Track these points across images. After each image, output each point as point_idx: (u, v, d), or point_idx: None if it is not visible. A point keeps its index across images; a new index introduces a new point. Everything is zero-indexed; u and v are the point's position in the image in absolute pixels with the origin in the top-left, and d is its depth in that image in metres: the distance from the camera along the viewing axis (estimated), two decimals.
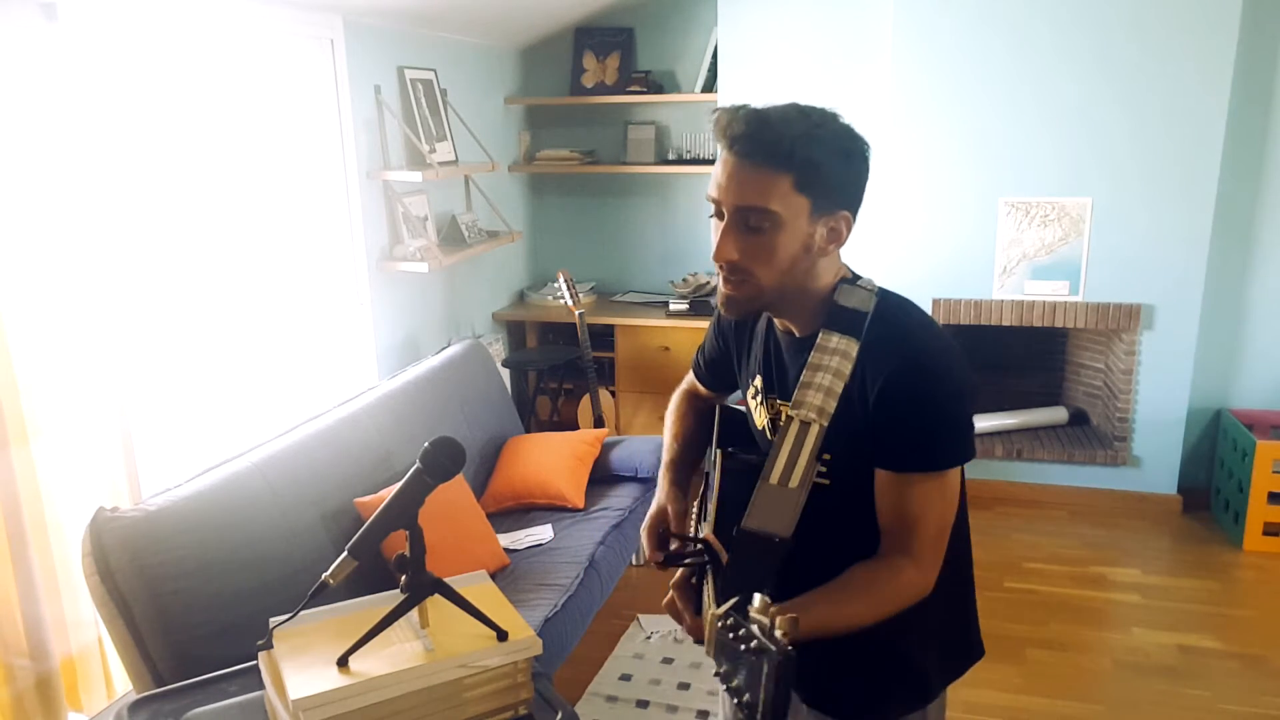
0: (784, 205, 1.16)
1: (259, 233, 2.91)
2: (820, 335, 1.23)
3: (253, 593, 2.10)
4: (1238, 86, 3.67)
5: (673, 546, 1.36)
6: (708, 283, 4.52)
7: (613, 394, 4.51)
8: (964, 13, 3.74)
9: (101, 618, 1.94)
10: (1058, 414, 4.29)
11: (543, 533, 2.94)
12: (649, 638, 3.12)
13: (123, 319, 2.41)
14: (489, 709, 1.37)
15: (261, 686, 1.42)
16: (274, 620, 1.39)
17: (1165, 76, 3.62)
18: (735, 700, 0.89)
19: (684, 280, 4.58)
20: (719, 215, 1.22)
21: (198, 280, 2.68)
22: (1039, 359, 4.47)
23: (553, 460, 3.22)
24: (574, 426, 4.47)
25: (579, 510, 3.12)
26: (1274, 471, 3.57)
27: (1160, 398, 3.93)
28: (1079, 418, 4.31)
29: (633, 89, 4.43)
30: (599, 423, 4.02)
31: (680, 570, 1.23)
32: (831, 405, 1.19)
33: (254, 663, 1.45)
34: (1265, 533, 3.65)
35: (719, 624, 0.93)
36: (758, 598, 0.91)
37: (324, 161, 3.18)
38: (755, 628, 0.88)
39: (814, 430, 1.17)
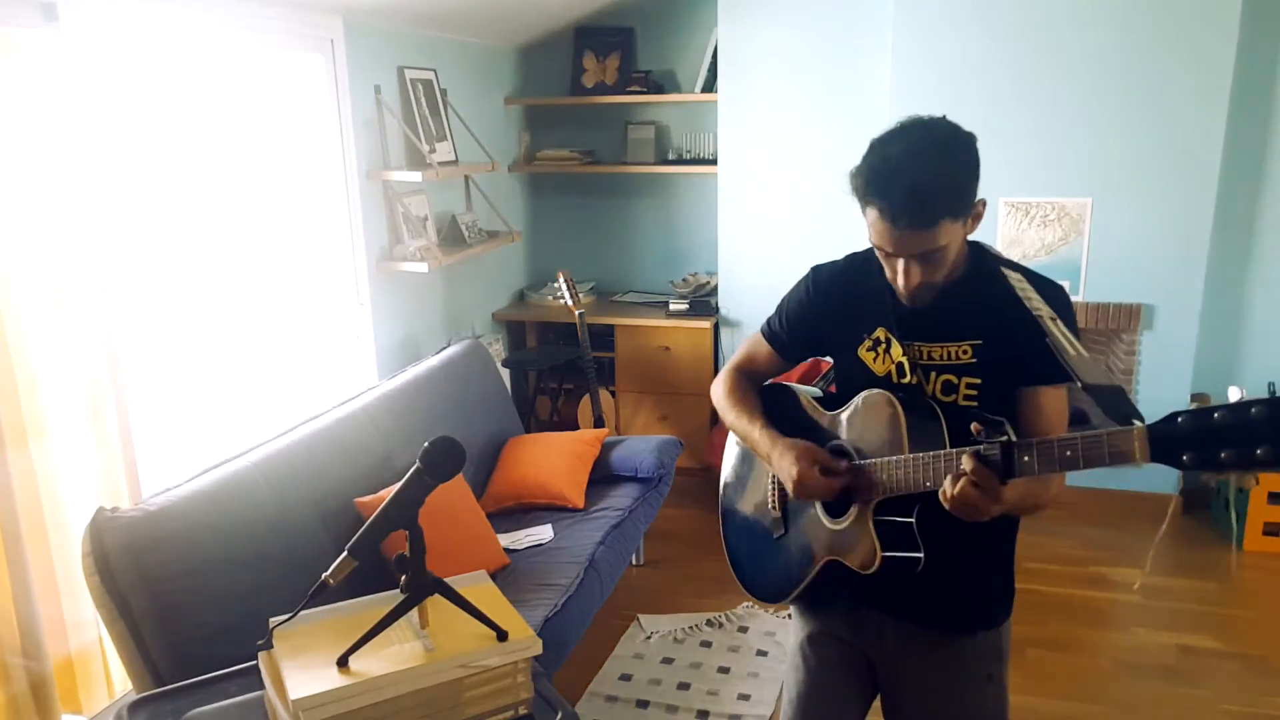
0: (947, 235, 1.40)
1: (259, 233, 2.91)
2: (1004, 271, 1.46)
3: (253, 593, 2.10)
4: (1238, 86, 3.66)
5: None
6: (708, 282, 4.52)
7: (613, 394, 4.51)
8: (964, 12, 3.74)
9: (101, 618, 1.95)
10: None
11: (543, 533, 2.94)
12: (649, 638, 3.12)
13: (123, 319, 2.41)
14: (489, 709, 1.37)
15: (261, 686, 1.42)
16: (274, 620, 1.39)
17: (1165, 76, 3.62)
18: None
19: (684, 280, 4.58)
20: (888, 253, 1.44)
21: (198, 280, 2.69)
22: None
23: (553, 460, 3.21)
24: (574, 426, 4.46)
25: (579, 510, 3.12)
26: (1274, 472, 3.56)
27: (1160, 397, 3.92)
28: (1079, 418, 4.29)
29: (633, 89, 4.43)
30: (599, 423, 4.02)
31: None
32: (1047, 309, 1.40)
33: (254, 663, 1.45)
34: (1265, 533, 3.65)
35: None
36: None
37: (324, 161, 3.18)
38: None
39: (1059, 322, 1.39)
